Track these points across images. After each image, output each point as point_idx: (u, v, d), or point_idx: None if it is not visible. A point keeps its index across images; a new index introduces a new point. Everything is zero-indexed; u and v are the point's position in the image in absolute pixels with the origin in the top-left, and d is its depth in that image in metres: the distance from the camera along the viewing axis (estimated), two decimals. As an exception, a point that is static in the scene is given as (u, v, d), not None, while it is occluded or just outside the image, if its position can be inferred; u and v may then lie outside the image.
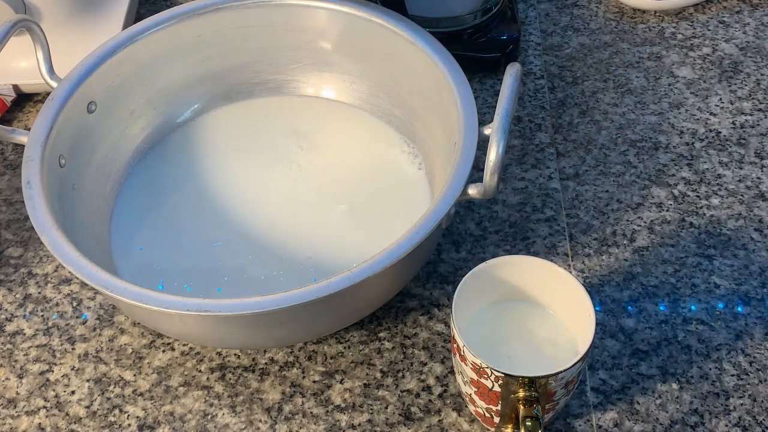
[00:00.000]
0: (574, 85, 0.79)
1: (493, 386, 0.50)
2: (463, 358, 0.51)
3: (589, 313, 0.51)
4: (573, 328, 0.54)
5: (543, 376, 0.49)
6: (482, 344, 0.50)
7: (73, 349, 0.62)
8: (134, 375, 0.60)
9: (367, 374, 0.59)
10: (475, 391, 0.52)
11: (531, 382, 0.49)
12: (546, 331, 0.55)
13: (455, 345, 0.51)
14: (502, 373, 0.49)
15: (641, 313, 0.62)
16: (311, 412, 0.58)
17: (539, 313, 0.55)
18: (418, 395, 0.58)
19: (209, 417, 0.58)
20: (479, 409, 0.54)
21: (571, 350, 0.53)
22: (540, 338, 0.54)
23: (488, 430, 0.56)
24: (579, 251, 0.65)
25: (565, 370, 0.49)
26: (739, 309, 0.62)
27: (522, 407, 0.49)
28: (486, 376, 0.50)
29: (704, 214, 0.68)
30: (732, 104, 0.76)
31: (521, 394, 0.49)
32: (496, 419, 0.53)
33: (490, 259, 0.54)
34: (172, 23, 0.68)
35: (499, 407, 0.52)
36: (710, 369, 0.59)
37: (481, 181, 0.54)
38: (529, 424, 0.49)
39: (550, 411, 0.53)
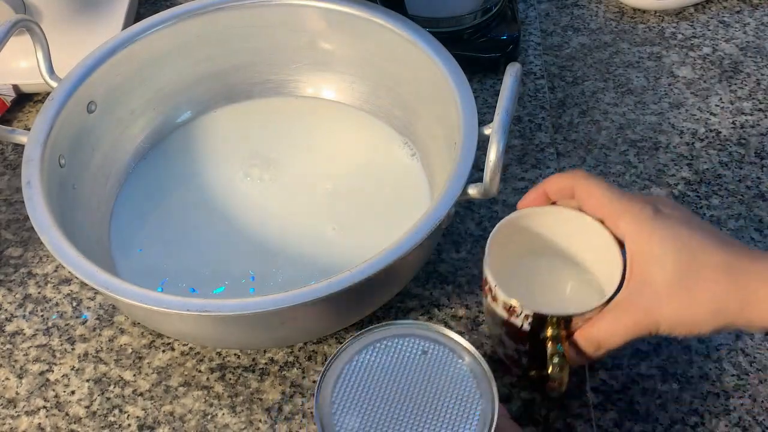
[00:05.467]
0: (574, 85, 0.79)
1: (522, 325, 0.51)
2: (495, 299, 0.52)
3: (617, 261, 0.51)
4: (601, 278, 0.54)
5: (571, 315, 0.50)
6: (512, 291, 0.51)
7: (72, 349, 0.62)
8: (134, 375, 0.60)
9: (367, 374, 0.59)
10: (504, 332, 0.53)
11: (559, 321, 0.50)
12: (574, 281, 0.55)
13: (487, 287, 0.53)
14: (532, 311, 0.50)
15: (641, 313, 0.62)
16: (311, 412, 0.58)
17: (568, 266, 0.56)
18: (418, 395, 0.58)
19: (209, 417, 0.58)
20: (508, 350, 0.55)
21: (598, 298, 0.53)
22: (568, 288, 0.55)
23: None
24: (579, 251, 0.65)
25: (591, 310, 0.50)
26: None
27: (551, 345, 0.50)
28: (516, 314, 0.51)
29: (704, 214, 0.68)
30: (732, 104, 0.76)
31: (549, 332, 0.50)
32: (524, 360, 0.54)
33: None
34: (172, 23, 0.68)
35: (527, 347, 0.53)
36: (710, 369, 0.59)
37: (481, 181, 0.54)
38: (557, 360, 0.50)
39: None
